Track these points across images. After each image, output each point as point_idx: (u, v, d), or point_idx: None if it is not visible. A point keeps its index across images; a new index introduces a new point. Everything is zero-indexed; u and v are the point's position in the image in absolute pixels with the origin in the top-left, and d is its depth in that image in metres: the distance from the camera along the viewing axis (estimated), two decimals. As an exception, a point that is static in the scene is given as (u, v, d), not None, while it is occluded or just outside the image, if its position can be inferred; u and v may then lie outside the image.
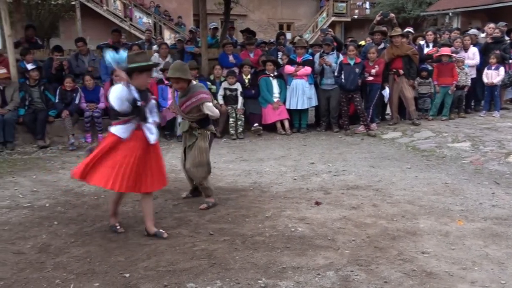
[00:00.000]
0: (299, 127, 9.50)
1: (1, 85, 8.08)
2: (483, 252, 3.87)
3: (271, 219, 4.68)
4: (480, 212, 4.80)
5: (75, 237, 4.29)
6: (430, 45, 10.16)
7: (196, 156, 4.94)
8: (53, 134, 8.44)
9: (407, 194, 5.40)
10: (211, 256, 3.86)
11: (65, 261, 3.80)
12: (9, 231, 4.45)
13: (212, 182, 6.00)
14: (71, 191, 5.77)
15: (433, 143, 7.87)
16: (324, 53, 9.29)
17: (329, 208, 4.98)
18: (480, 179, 5.93)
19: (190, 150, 4.99)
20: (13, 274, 3.58)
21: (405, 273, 3.54)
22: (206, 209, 4.99)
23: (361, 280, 3.44)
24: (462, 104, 9.92)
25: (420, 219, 4.62)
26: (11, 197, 5.49)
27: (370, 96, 9.08)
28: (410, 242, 4.09)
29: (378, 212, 4.85)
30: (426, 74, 9.68)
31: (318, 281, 3.44)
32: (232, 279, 3.46)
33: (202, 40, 10.19)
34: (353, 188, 5.68)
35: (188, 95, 4.85)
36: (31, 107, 8.25)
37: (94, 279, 3.49)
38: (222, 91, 9.12)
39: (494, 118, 9.44)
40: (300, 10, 29.24)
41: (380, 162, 6.91)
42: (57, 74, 8.71)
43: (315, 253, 3.90)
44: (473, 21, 19.52)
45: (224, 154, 7.66)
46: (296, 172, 6.47)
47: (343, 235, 4.27)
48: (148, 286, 3.37)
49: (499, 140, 7.59)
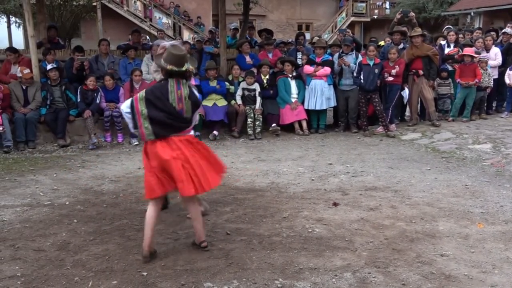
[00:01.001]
0: (317, 127, 9.46)
1: (25, 85, 8.22)
2: (503, 256, 3.81)
3: (288, 220, 4.68)
4: (501, 215, 4.72)
5: (94, 235, 4.34)
6: (451, 45, 10.03)
7: None
8: (74, 133, 8.55)
9: (426, 196, 5.34)
10: (228, 256, 3.87)
11: (84, 259, 3.85)
12: (30, 229, 4.53)
13: (230, 182, 6.03)
14: (90, 189, 5.84)
15: (453, 145, 7.77)
16: (343, 54, 9.24)
17: (346, 209, 4.96)
18: (501, 181, 5.84)
19: None
20: (34, 271, 3.64)
21: (423, 275, 3.50)
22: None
23: (379, 282, 3.41)
24: (484, 105, 9.80)
25: (439, 222, 4.57)
26: (32, 195, 5.58)
27: (390, 96, 9.00)
28: (429, 245, 4.05)
29: (397, 213, 4.81)
30: (446, 75, 9.57)
31: (335, 282, 3.42)
32: (249, 279, 3.47)
33: (221, 40, 10.22)
34: (371, 189, 5.64)
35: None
36: (52, 107, 8.37)
37: (112, 277, 3.53)
38: (241, 91, 9.15)
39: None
40: (319, 10, 29.11)
41: (399, 163, 6.84)
42: (78, 74, 8.83)
43: (332, 254, 3.88)
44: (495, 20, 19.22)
45: (242, 154, 7.68)
46: (313, 172, 6.45)
47: (360, 236, 4.25)
48: (166, 285, 3.40)
49: (522, 142, 7.47)
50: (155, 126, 3.70)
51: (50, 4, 15.07)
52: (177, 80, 3.78)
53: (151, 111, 3.69)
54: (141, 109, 3.69)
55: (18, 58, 8.65)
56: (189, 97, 3.78)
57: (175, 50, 3.76)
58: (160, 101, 3.71)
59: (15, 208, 5.13)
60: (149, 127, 3.69)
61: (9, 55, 8.64)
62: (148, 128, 3.69)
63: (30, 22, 8.56)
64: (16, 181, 6.18)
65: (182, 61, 3.76)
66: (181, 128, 3.81)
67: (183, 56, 3.77)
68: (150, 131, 3.70)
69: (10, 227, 4.57)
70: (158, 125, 3.70)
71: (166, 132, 3.74)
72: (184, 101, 3.75)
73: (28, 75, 8.16)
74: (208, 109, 8.77)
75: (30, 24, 8.57)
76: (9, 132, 7.84)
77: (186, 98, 3.75)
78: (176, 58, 3.73)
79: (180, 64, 3.74)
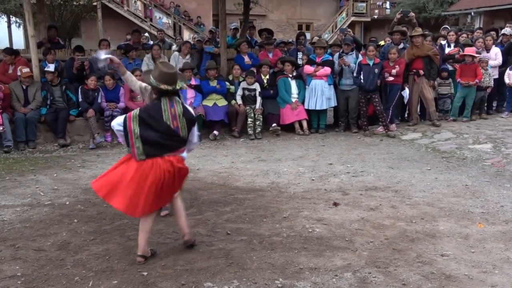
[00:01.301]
0: (317, 127, 9.46)
1: (24, 84, 8.22)
2: (504, 256, 3.81)
3: (288, 220, 4.68)
4: (502, 215, 4.72)
5: (94, 235, 4.34)
6: (451, 45, 10.03)
7: None
8: (74, 133, 8.55)
9: (427, 196, 5.34)
10: (228, 256, 3.87)
11: (84, 259, 3.85)
12: (30, 228, 4.53)
13: (230, 182, 6.03)
14: (91, 189, 5.79)
15: (453, 145, 7.77)
16: (343, 53, 9.24)
17: (347, 209, 4.96)
18: (502, 181, 5.84)
19: None
20: (34, 270, 3.65)
21: (424, 275, 3.50)
22: (165, 215, 4.73)
23: (379, 282, 3.41)
24: (484, 105, 9.80)
25: (439, 222, 4.57)
26: (32, 195, 5.58)
27: (390, 96, 9.01)
28: (429, 245, 4.05)
29: (397, 213, 4.81)
30: (447, 75, 9.57)
31: (336, 282, 3.42)
32: (249, 279, 3.47)
33: (221, 40, 10.22)
34: (372, 189, 5.64)
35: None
36: (52, 106, 8.37)
37: (112, 276, 3.53)
38: (241, 91, 9.15)
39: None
40: (319, 10, 29.10)
41: (399, 163, 6.84)
42: (78, 73, 8.83)
43: (332, 254, 3.88)
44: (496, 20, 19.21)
45: (242, 154, 7.68)
46: (314, 172, 6.45)
47: (361, 236, 4.25)
48: (166, 285, 3.40)
49: (522, 142, 7.47)
50: (147, 146, 3.61)
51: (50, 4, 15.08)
52: (169, 98, 3.72)
53: (143, 131, 3.61)
54: (133, 128, 3.61)
55: (15, 59, 8.57)
56: (183, 114, 3.72)
57: (166, 68, 3.72)
58: (154, 120, 3.64)
59: (15, 208, 5.13)
60: (140, 147, 3.60)
61: (5, 56, 8.58)
62: (139, 148, 3.61)
63: (30, 22, 8.57)
64: (16, 181, 6.19)
65: (174, 78, 3.70)
66: (176, 147, 3.75)
67: (174, 74, 3.72)
68: (141, 151, 3.61)
69: (10, 227, 4.57)
70: (150, 145, 3.62)
71: (159, 152, 3.66)
72: (179, 118, 3.69)
73: (26, 74, 8.15)
74: (208, 109, 8.77)
75: (30, 24, 8.58)
76: (9, 132, 7.84)
77: (180, 116, 3.69)
78: (168, 76, 3.67)
79: (172, 82, 3.69)
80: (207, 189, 5.61)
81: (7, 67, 8.58)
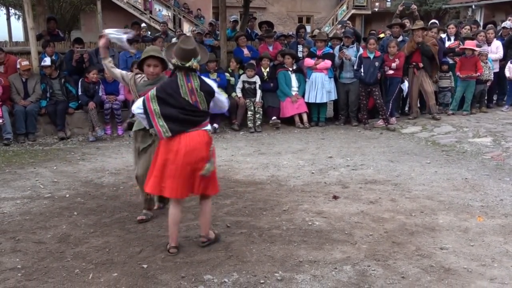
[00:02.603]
0: (317, 120, 9.46)
1: (24, 77, 8.20)
2: (503, 249, 3.82)
3: (288, 213, 4.68)
4: (501, 208, 4.73)
5: (94, 228, 4.35)
6: (451, 39, 10.00)
7: (150, 163, 4.43)
8: (74, 125, 8.55)
9: (426, 189, 5.35)
10: (228, 249, 3.88)
11: (84, 251, 3.86)
12: (30, 221, 4.53)
13: (230, 175, 6.03)
14: (90, 182, 5.84)
15: (453, 138, 7.77)
16: (344, 46, 9.21)
17: (346, 202, 4.96)
18: (501, 175, 5.84)
19: (144, 154, 4.44)
20: (34, 263, 3.65)
21: (423, 268, 3.51)
22: (142, 220, 4.49)
23: (378, 275, 3.42)
24: (484, 99, 9.79)
25: (439, 215, 4.57)
26: (32, 188, 5.59)
27: (390, 90, 8.99)
28: (429, 238, 4.06)
29: (396, 207, 4.82)
30: (447, 68, 9.55)
31: (335, 275, 3.43)
32: (248, 272, 3.48)
33: (221, 33, 10.18)
34: (371, 183, 5.64)
35: (156, 84, 4.10)
36: (52, 99, 8.36)
37: (112, 269, 3.54)
38: (241, 84, 9.13)
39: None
40: (320, 3, 29.01)
41: (399, 156, 6.85)
42: (77, 66, 8.79)
43: (332, 247, 3.89)
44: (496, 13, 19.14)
45: (242, 147, 7.68)
46: (314, 165, 6.45)
47: (360, 229, 4.25)
48: (166, 277, 3.41)
49: (522, 135, 7.48)
50: (170, 123, 3.61)
51: (49, -4, 15.02)
52: (185, 73, 3.68)
53: (163, 109, 3.61)
54: (153, 108, 3.60)
55: (4, 58, 8.33)
56: (201, 88, 3.69)
57: (184, 44, 3.67)
58: (172, 98, 3.62)
59: (15, 200, 5.13)
60: (164, 124, 3.60)
61: None
62: (164, 126, 3.60)
63: (29, 14, 8.54)
64: (16, 174, 6.19)
65: (188, 55, 3.65)
66: (198, 122, 3.73)
67: (189, 51, 3.66)
68: (166, 128, 3.61)
69: (10, 219, 4.58)
70: (173, 121, 3.62)
71: (183, 127, 3.65)
72: (197, 93, 3.66)
73: (25, 67, 8.13)
74: (208, 102, 8.74)
75: (29, 16, 8.54)
76: (9, 125, 7.83)
77: (197, 90, 3.67)
78: (182, 52, 3.64)
79: (185, 58, 3.64)
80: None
81: None
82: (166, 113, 3.61)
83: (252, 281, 3.35)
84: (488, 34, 9.83)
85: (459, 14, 22.88)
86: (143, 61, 4.33)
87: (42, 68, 8.46)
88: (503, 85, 10.10)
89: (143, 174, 4.33)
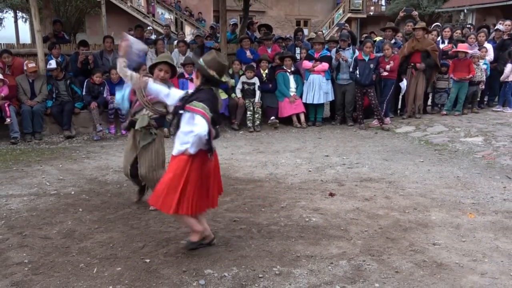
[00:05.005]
0: (314, 120, 9.46)
1: (30, 78, 8.19)
2: (493, 245, 3.82)
3: (286, 209, 4.68)
4: (491, 205, 4.73)
5: (99, 224, 4.34)
6: (445, 41, 10.01)
7: (153, 160, 4.48)
8: (79, 125, 8.55)
9: (419, 187, 5.35)
10: (228, 244, 3.87)
11: (89, 246, 3.86)
12: (36, 217, 4.53)
13: (230, 173, 6.03)
14: (95, 179, 5.84)
15: (445, 138, 7.77)
16: (341, 49, 9.22)
17: (342, 200, 4.96)
18: (492, 173, 5.84)
19: (145, 152, 4.46)
20: (40, 257, 3.65)
21: (416, 263, 3.51)
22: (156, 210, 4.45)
23: (373, 269, 3.42)
24: (476, 100, 9.79)
25: (431, 212, 4.58)
26: (38, 185, 5.58)
27: (384, 91, 9.01)
28: (422, 234, 4.06)
29: (391, 204, 4.82)
30: (446, 70, 9.53)
31: (331, 269, 3.43)
32: (248, 266, 3.48)
33: (222, 36, 10.18)
34: (366, 180, 5.65)
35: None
36: (58, 99, 8.35)
37: (116, 263, 3.54)
38: (241, 85, 9.12)
39: (507, 113, 9.28)
40: (317, 7, 28.98)
41: (393, 155, 6.85)
42: (82, 67, 8.80)
43: (328, 243, 3.89)
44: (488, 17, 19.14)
45: (241, 146, 7.68)
46: (311, 164, 6.45)
47: (356, 225, 4.26)
48: (168, 272, 3.41)
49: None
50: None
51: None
52: (216, 87, 3.53)
53: (213, 128, 3.43)
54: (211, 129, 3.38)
55: (11, 61, 8.36)
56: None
57: (220, 58, 3.50)
58: (216, 115, 3.45)
59: (22, 197, 5.13)
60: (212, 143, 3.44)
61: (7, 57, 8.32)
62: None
63: (36, 17, 8.53)
64: (23, 171, 6.18)
65: (223, 71, 3.50)
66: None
67: (225, 67, 3.51)
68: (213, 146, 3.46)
69: (17, 215, 4.58)
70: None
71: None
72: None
73: (32, 69, 8.13)
74: (209, 102, 8.74)
75: (36, 19, 8.54)
76: (16, 124, 7.83)
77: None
78: (221, 67, 3.45)
79: (222, 73, 3.48)
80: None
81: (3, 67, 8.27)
82: (214, 132, 3.44)
83: (251, 275, 3.35)
84: (480, 37, 9.83)
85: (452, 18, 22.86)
86: (156, 64, 4.35)
87: (48, 70, 8.45)
88: (494, 87, 10.11)
89: (148, 171, 4.43)
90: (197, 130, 3.26)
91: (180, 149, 3.44)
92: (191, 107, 3.36)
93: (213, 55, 3.48)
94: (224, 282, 3.27)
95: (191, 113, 3.36)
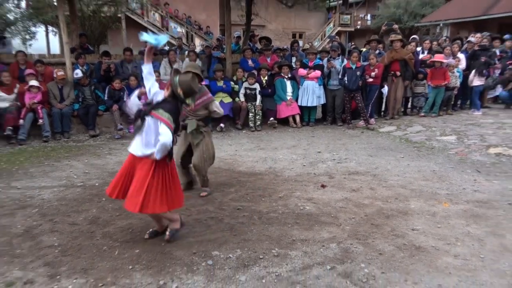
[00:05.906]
0: (308, 121, 9.45)
1: (59, 84, 8.20)
2: (465, 230, 3.83)
3: (283, 199, 4.69)
4: (463, 196, 4.73)
5: (120, 211, 4.35)
6: (425, 52, 10.01)
7: (205, 151, 4.67)
8: (102, 125, 8.54)
9: (400, 180, 5.35)
10: (232, 229, 3.88)
11: (111, 231, 3.87)
12: (65, 206, 4.54)
13: (234, 167, 6.03)
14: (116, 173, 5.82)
15: (423, 136, 7.76)
16: (332, 58, 9.21)
17: (333, 190, 4.97)
18: (464, 167, 5.84)
19: (198, 147, 4.66)
20: (69, 241, 3.67)
21: (397, 246, 3.52)
22: (205, 196, 4.78)
23: (359, 252, 3.43)
24: (451, 103, 9.78)
25: (411, 201, 4.58)
26: (67, 178, 5.59)
27: (370, 95, 8.99)
28: (402, 221, 4.06)
29: (375, 194, 4.82)
30: (422, 76, 9.52)
31: (323, 251, 3.44)
32: (250, 249, 3.49)
33: (227, 47, 10.16)
34: (354, 174, 5.64)
35: (198, 95, 4.47)
36: (83, 103, 8.35)
37: (135, 246, 3.55)
38: (243, 90, 9.11)
39: (477, 115, 9.25)
40: (311, 21, 28.88)
41: (377, 152, 6.84)
42: (105, 75, 8.79)
43: (320, 228, 3.90)
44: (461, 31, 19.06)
45: (244, 143, 7.68)
46: (305, 159, 6.45)
47: (344, 213, 4.26)
48: (180, 253, 3.42)
49: (481, 134, 7.45)
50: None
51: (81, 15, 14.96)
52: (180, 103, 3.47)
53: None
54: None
55: (43, 70, 8.37)
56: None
57: (193, 83, 3.47)
58: (176, 126, 3.44)
59: (53, 188, 5.14)
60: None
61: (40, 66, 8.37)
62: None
63: (64, 31, 8.52)
64: (53, 166, 6.19)
65: (191, 93, 3.46)
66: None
67: (194, 91, 3.47)
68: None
69: (49, 204, 4.59)
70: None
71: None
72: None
73: (61, 76, 8.14)
74: (216, 105, 8.73)
75: (64, 32, 8.52)
76: (47, 124, 7.84)
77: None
78: (189, 89, 3.39)
79: (188, 95, 3.43)
80: (214, 173, 5.61)
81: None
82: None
83: (253, 256, 3.36)
84: (454, 48, 9.81)
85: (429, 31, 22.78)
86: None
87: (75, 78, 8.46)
88: (466, 92, 10.09)
89: (200, 161, 4.64)
90: (163, 139, 3.21)
91: (146, 152, 3.38)
92: (158, 114, 3.29)
93: (188, 79, 3.43)
94: (229, 262, 3.28)
95: (156, 119, 3.30)
